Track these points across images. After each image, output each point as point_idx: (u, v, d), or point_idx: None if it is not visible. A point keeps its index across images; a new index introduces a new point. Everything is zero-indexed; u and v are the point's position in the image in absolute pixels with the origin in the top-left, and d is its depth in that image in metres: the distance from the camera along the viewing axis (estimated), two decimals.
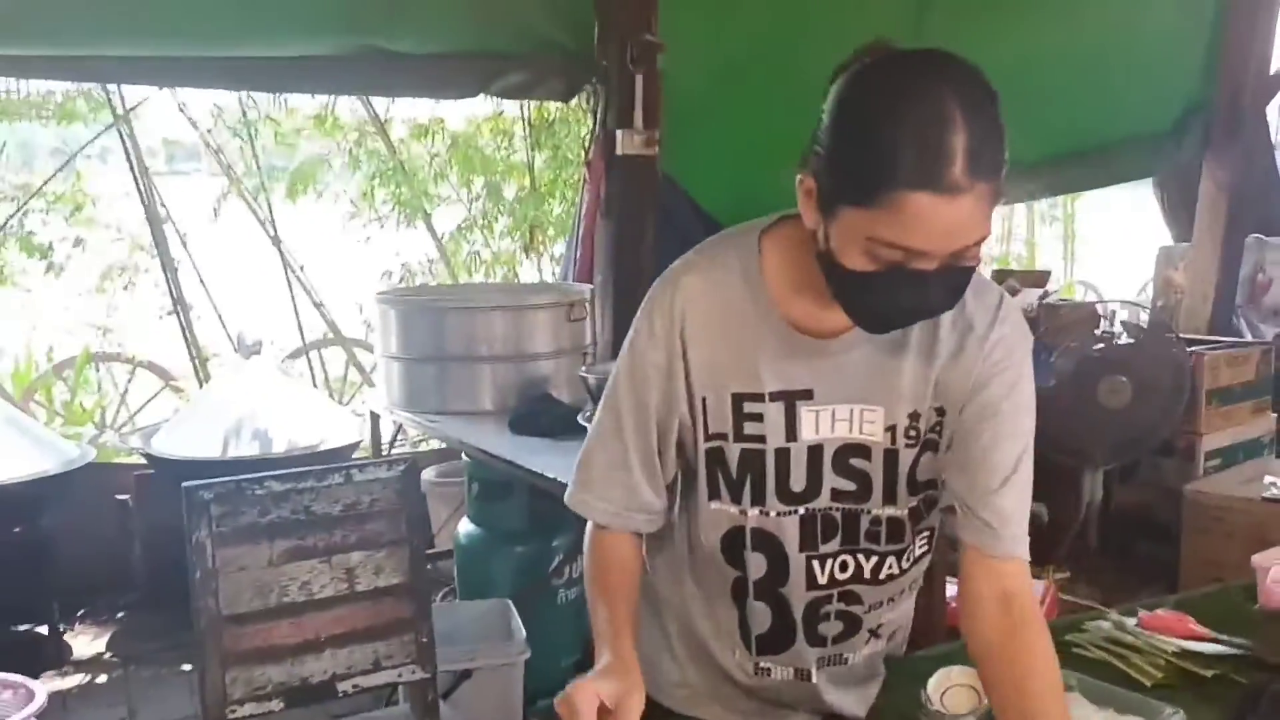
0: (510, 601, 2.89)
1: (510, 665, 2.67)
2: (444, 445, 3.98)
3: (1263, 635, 1.64)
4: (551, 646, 2.90)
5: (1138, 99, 4.63)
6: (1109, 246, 8.26)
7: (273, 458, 3.60)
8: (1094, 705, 1.42)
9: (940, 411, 1.32)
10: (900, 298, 1.15)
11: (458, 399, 3.27)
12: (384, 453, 3.78)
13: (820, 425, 1.31)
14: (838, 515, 1.35)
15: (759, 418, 1.31)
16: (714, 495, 1.36)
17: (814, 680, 1.43)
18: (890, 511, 1.35)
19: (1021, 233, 8.04)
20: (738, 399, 1.31)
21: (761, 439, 1.31)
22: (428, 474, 4.12)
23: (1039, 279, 4.96)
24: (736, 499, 1.35)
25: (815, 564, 1.36)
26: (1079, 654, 1.63)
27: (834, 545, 1.36)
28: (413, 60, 3.44)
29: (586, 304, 3.48)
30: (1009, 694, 1.26)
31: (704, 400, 1.32)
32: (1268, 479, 3.96)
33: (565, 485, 1.42)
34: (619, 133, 3.49)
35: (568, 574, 3.11)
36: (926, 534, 1.41)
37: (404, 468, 2.14)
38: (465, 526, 3.26)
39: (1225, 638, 1.66)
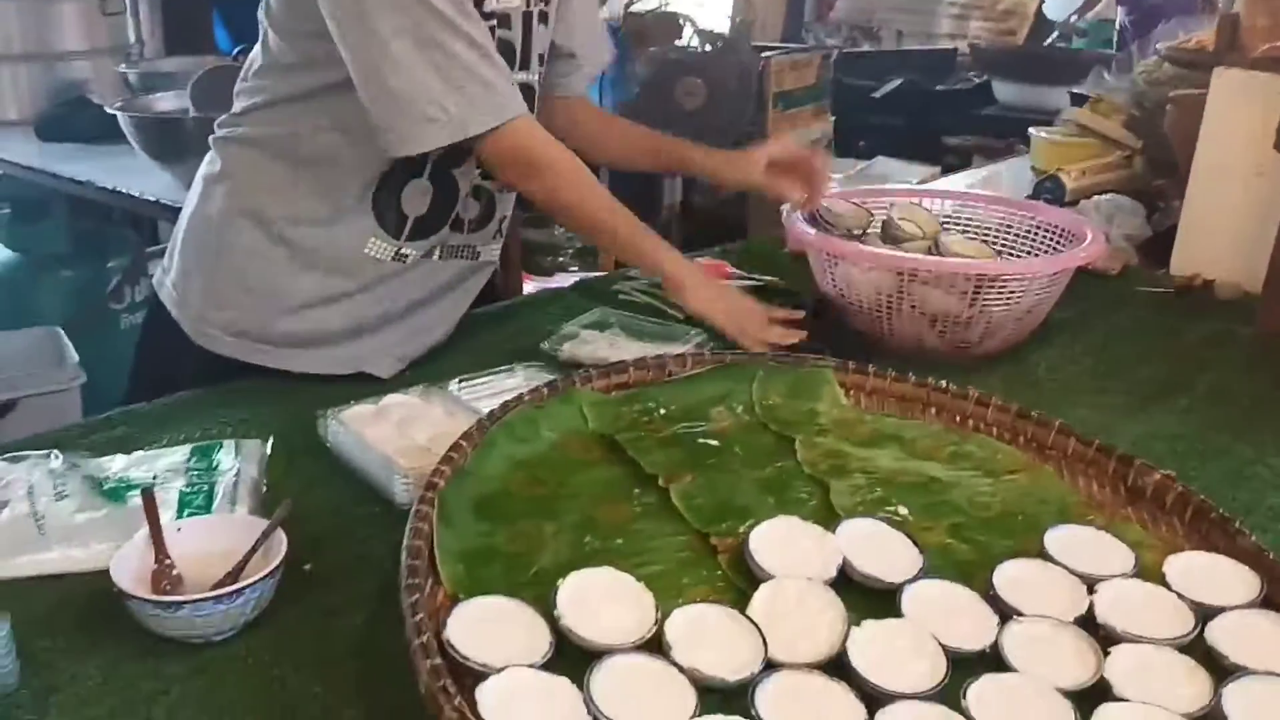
0: (60, 329, 2.62)
1: (64, 392, 2.44)
2: None
3: (788, 272, 1.80)
4: (117, 373, 2.69)
5: None
6: None
7: None
8: (631, 338, 1.50)
9: None
10: None
11: None
12: None
13: None
14: None
15: None
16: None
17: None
18: (523, 77, 1.39)
19: None
20: None
21: None
22: None
23: None
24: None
25: None
26: (625, 299, 1.72)
27: None
28: None
29: None
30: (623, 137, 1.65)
31: None
32: None
33: (105, 194, 1.20)
34: None
35: (129, 297, 2.86)
36: None
37: None
38: (1, 254, 2.89)
39: (756, 276, 1.81)
